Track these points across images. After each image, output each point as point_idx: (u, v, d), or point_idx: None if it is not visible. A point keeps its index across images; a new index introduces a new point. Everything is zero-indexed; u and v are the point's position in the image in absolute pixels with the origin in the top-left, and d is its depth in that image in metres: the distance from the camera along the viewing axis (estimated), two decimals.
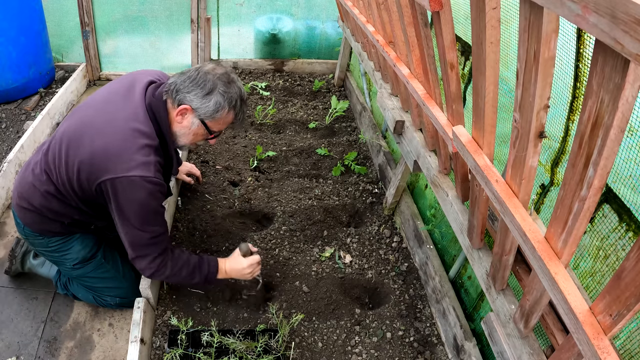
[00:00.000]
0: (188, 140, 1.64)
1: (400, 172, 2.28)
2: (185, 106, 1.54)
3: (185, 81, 1.54)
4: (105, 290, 1.91)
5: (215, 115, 1.55)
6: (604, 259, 1.10)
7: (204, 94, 1.52)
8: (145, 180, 1.46)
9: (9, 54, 3.18)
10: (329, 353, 1.79)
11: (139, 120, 1.52)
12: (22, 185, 1.69)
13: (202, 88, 1.52)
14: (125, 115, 1.53)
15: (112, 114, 1.54)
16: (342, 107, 3.39)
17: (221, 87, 1.54)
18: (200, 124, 1.58)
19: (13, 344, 1.86)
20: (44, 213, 1.67)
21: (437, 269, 1.97)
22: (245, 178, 2.69)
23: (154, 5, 3.71)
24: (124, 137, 1.48)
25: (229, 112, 1.58)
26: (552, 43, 0.79)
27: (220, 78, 1.55)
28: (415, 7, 1.35)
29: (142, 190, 1.47)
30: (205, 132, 1.61)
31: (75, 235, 1.81)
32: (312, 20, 3.99)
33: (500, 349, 1.25)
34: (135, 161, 1.46)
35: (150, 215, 1.54)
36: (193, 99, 1.53)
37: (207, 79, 1.53)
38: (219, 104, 1.54)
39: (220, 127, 1.63)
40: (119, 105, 1.57)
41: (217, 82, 1.54)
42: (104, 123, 1.52)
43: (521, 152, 0.98)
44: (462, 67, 1.82)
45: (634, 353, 1.01)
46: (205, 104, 1.53)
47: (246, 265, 1.80)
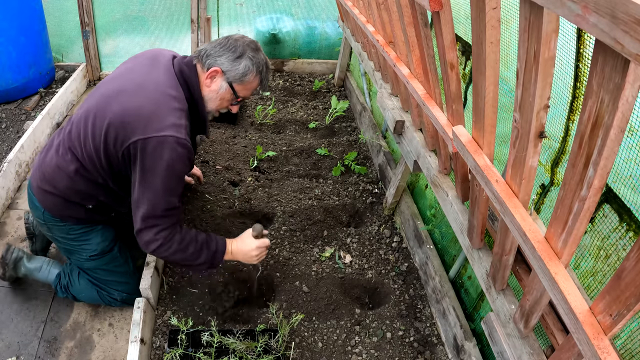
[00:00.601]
0: (215, 105, 1.67)
1: (400, 172, 2.28)
2: (215, 68, 1.59)
3: (216, 47, 1.60)
4: (113, 285, 1.90)
5: (243, 78, 1.61)
6: (605, 259, 1.10)
7: (235, 57, 1.59)
8: (178, 141, 1.46)
9: (9, 54, 3.18)
10: (329, 353, 1.79)
11: (169, 85, 1.55)
12: (45, 168, 1.66)
13: (233, 52, 1.59)
14: (155, 80, 1.55)
15: (141, 80, 1.55)
16: (342, 107, 3.39)
17: (250, 52, 1.61)
18: (229, 87, 1.62)
19: (13, 344, 1.86)
20: (68, 196, 1.66)
21: (437, 269, 1.97)
22: (245, 178, 2.69)
23: (154, 5, 3.71)
24: (157, 99, 1.49)
25: (255, 76, 1.64)
26: (552, 43, 0.79)
27: (249, 45, 1.62)
28: (415, 7, 1.35)
29: (172, 151, 1.46)
30: (232, 96, 1.66)
31: (97, 226, 1.80)
32: (312, 20, 3.99)
33: (500, 349, 1.25)
34: (168, 122, 1.46)
35: (175, 181, 1.52)
36: (224, 62, 1.59)
37: (237, 44, 1.60)
38: (248, 67, 1.60)
39: (246, 92, 1.67)
40: (147, 73, 1.58)
41: (246, 47, 1.61)
42: (133, 88, 1.53)
43: (521, 152, 0.98)
44: (462, 67, 1.82)
45: (634, 353, 1.01)
46: (235, 67, 1.59)
47: (254, 247, 1.75)
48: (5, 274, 1.99)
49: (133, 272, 1.94)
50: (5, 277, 2.00)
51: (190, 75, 1.62)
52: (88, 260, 1.83)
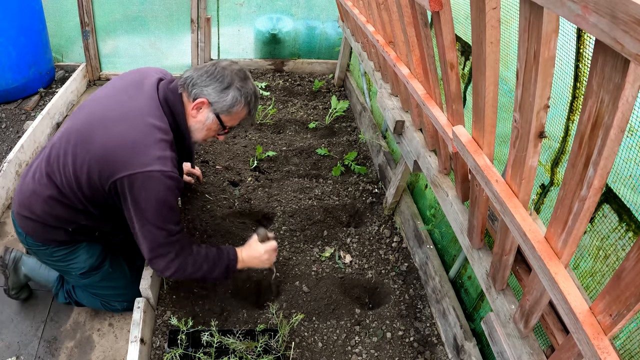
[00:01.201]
0: (202, 135, 1.64)
1: (400, 172, 2.28)
2: (202, 99, 1.54)
3: (202, 75, 1.55)
4: (113, 297, 1.90)
5: (231, 110, 1.57)
6: (604, 259, 1.10)
7: (223, 88, 1.54)
8: (164, 175, 1.43)
9: (9, 54, 3.18)
10: (329, 353, 1.79)
11: (153, 115, 1.50)
12: (23, 193, 1.63)
13: (221, 82, 1.54)
14: (138, 110, 1.49)
15: (124, 109, 1.50)
16: (342, 107, 3.39)
17: (238, 82, 1.56)
18: (215, 118, 1.59)
19: (13, 344, 1.86)
20: (47, 221, 1.62)
21: (437, 269, 1.97)
22: (245, 178, 2.69)
23: (154, 5, 3.71)
24: (140, 132, 1.45)
25: (243, 107, 1.60)
26: (552, 43, 0.79)
27: (238, 74, 1.58)
28: (415, 7, 1.35)
29: (160, 185, 1.43)
30: (218, 127, 1.62)
31: (81, 244, 1.76)
32: (312, 20, 3.99)
33: (500, 349, 1.25)
34: (153, 156, 1.42)
35: (168, 211, 1.50)
36: (211, 93, 1.54)
37: (224, 74, 1.55)
38: (236, 98, 1.56)
39: (233, 122, 1.64)
40: (131, 100, 1.53)
41: (234, 77, 1.56)
42: (116, 118, 1.48)
43: (521, 152, 0.98)
44: (462, 67, 1.82)
45: (634, 353, 1.01)
46: (222, 98, 1.55)
47: (264, 251, 1.77)
48: (7, 281, 1.96)
49: (131, 282, 1.90)
50: (9, 287, 1.96)
51: (176, 103, 1.56)
52: (80, 278, 1.80)
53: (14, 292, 1.97)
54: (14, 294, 1.97)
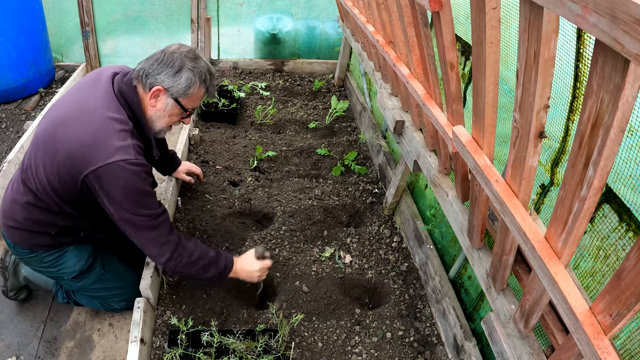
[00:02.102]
0: (164, 122, 1.65)
1: (400, 172, 2.28)
2: (157, 87, 1.55)
3: (153, 64, 1.55)
4: (110, 297, 1.90)
5: (187, 91, 1.57)
6: (605, 259, 1.10)
7: (174, 72, 1.54)
8: (127, 162, 1.44)
9: (9, 54, 3.18)
10: (329, 353, 1.79)
11: (109, 108, 1.51)
12: (5, 204, 1.68)
13: (172, 67, 1.54)
14: (94, 105, 1.52)
15: (82, 107, 1.52)
16: (342, 107, 3.39)
17: (189, 63, 1.56)
18: (175, 103, 1.59)
19: (13, 344, 1.86)
20: (29, 227, 1.64)
21: (437, 269, 1.97)
22: (245, 178, 2.69)
23: (154, 5, 3.71)
24: (98, 127, 1.47)
25: (200, 86, 1.60)
26: (552, 43, 0.79)
27: (187, 55, 1.57)
28: (415, 7, 1.35)
29: (125, 173, 1.44)
30: (180, 111, 1.63)
31: (68, 247, 1.76)
32: (312, 20, 3.99)
33: (500, 349, 1.25)
34: (113, 147, 1.44)
35: (141, 197, 1.51)
36: (164, 79, 1.54)
37: (174, 58, 1.55)
38: (190, 79, 1.56)
39: (193, 103, 1.64)
40: (87, 98, 1.55)
41: (184, 59, 1.56)
42: (74, 117, 1.50)
43: (521, 152, 0.98)
44: (462, 67, 1.82)
45: (634, 353, 1.01)
46: (176, 82, 1.55)
47: (258, 268, 1.80)
48: (6, 283, 1.96)
49: (127, 281, 1.90)
50: (8, 289, 1.97)
51: (130, 94, 1.57)
52: (73, 282, 1.80)
53: (12, 293, 1.97)
54: (12, 295, 1.97)
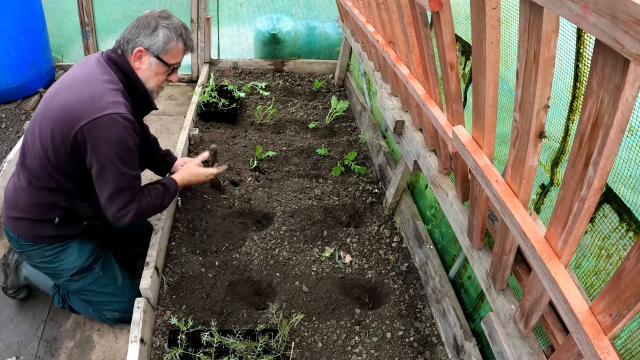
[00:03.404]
0: (154, 82, 1.72)
1: (400, 172, 2.28)
2: (138, 48, 1.64)
3: (131, 30, 1.67)
4: (104, 305, 1.88)
5: (167, 47, 1.66)
6: (607, 258, 1.11)
7: (151, 32, 1.65)
8: (120, 116, 1.52)
9: (9, 54, 3.18)
10: (329, 353, 1.79)
11: (101, 72, 1.62)
12: (7, 194, 1.73)
13: (147, 27, 1.65)
14: (87, 73, 1.62)
15: (75, 76, 1.63)
16: (342, 107, 3.39)
17: (163, 21, 1.66)
18: (157, 60, 1.67)
19: (13, 344, 1.86)
20: (31, 214, 1.66)
21: (437, 269, 1.97)
22: (245, 178, 2.69)
23: (154, 5, 3.71)
24: (92, 85, 1.56)
25: (177, 41, 1.69)
26: (552, 43, 0.79)
27: (160, 15, 1.69)
28: (415, 7, 1.35)
29: (117, 126, 1.52)
30: (164, 67, 1.70)
31: (72, 242, 1.77)
32: (312, 20, 3.99)
33: (500, 349, 1.25)
34: (107, 101, 1.53)
35: (127, 153, 1.58)
36: (143, 40, 1.65)
37: (148, 20, 1.67)
38: (167, 35, 1.65)
39: (175, 59, 1.72)
40: (79, 69, 1.66)
41: (158, 19, 1.67)
42: (69, 84, 1.60)
43: (521, 152, 0.98)
44: (462, 67, 1.82)
45: (634, 353, 1.01)
46: (154, 40, 1.65)
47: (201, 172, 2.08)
48: (7, 281, 1.97)
49: (123, 290, 1.89)
50: (7, 286, 1.97)
51: (118, 58, 1.67)
52: (71, 281, 1.79)
53: (11, 291, 1.97)
54: (11, 293, 1.97)
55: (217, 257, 2.15)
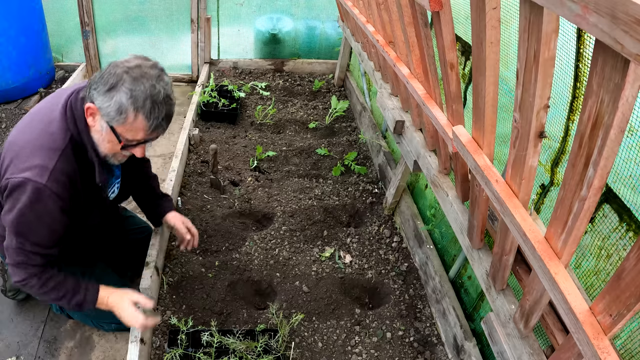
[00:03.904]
0: (105, 148, 1.38)
1: (400, 172, 2.28)
2: (89, 104, 1.30)
3: (97, 75, 1.30)
4: (101, 318, 1.85)
5: (119, 118, 1.27)
6: (607, 258, 1.11)
7: (106, 90, 1.26)
8: (32, 185, 1.28)
9: (9, 54, 3.18)
10: (329, 353, 1.79)
11: (52, 120, 1.36)
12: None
13: (105, 83, 1.26)
14: (42, 114, 1.40)
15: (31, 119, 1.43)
16: (342, 107, 3.39)
17: (127, 83, 1.25)
18: (109, 129, 1.31)
19: (13, 344, 1.86)
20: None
21: (437, 269, 1.97)
22: (245, 178, 2.69)
23: (154, 5, 3.71)
24: (31, 136, 1.35)
25: (135, 115, 1.27)
26: (552, 43, 0.79)
27: (131, 72, 1.26)
28: (415, 7, 1.35)
29: (26, 195, 1.30)
30: (117, 140, 1.34)
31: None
32: (312, 20, 3.99)
33: (500, 349, 1.25)
34: (31, 162, 1.30)
35: (30, 224, 1.35)
36: (97, 97, 1.28)
37: (114, 72, 1.26)
38: (121, 104, 1.25)
39: (133, 134, 1.32)
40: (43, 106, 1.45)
41: (123, 76, 1.25)
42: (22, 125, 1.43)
43: (521, 152, 0.98)
44: (462, 67, 1.82)
45: (634, 353, 1.01)
46: (107, 104, 1.26)
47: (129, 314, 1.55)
48: (6, 285, 1.96)
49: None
50: (6, 289, 1.96)
51: (77, 108, 1.36)
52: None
53: (10, 293, 1.97)
54: (10, 295, 1.97)
55: (217, 257, 2.15)
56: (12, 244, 1.40)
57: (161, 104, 1.29)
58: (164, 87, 1.31)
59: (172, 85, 1.38)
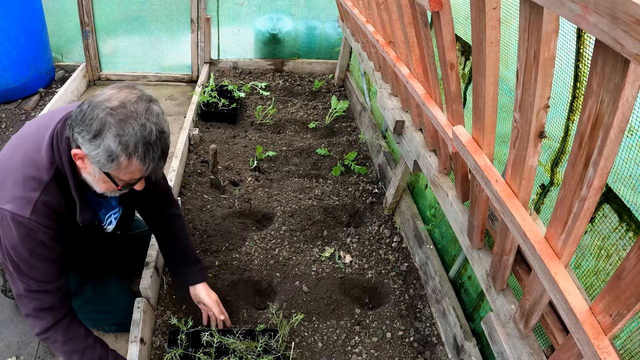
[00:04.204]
0: (102, 188, 1.30)
1: (400, 172, 2.28)
2: (76, 151, 1.20)
3: (78, 115, 1.17)
4: (101, 320, 1.85)
5: (110, 165, 1.17)
6: (607, 258, 1.11)
7: (91, 137, 1.15)
8: (17, 218, 1.21)
9: (9, 54, 3.18)
10: (329, 353, 1.79)
11: (38, 148, 1.27)
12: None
13: (89, 130, 1.14)
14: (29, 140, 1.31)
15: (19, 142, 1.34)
16: (342, 107, 3.39)
17: (112, 127, 1.13)
18: (102, 174, 1.23)
19: (13, 344, 1.86)
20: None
21: (437, 269, 1.97)
22: (245, 178, 2.70)
23: (154, 5, 3.71)
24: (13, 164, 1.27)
25: (129, 160, 1.17)
26: (552, 43, 0.79)
27: (114, 112, 1.14)
28: (415, 7, 1.35)
29: (11, 229, 1.23)
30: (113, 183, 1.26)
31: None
32: (312, 20, 3.99)
33: (500, 349, 1.25)
34: (13, 192, 1.23)
35: (23, 262, 1.28)
36: (83, 143, 1.17)
37: (94, 115, 1.14)
38: (111, 151, 1.14)
39: (129, 176, 1.24)
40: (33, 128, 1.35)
41: (106, 119, 1.13)
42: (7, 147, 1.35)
43: (521, 152, 0.98)
44: (462, 67, 1.82)
45: (634, 353, 1.01)
46: (95, 151, 1.16)
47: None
48: (6, 285, 1.97)
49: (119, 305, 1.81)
50: (7, 289, 1.97)
51: (62, 144, 1.27)
52: None
53: (10, 293, 1.97)
54: (10, 295, 1.97)
55: (217, 257, 2.15)
56: (20, 289, 1.34)
57: (155, 144, 1.18)
58: (156, 121, 1.18)
59: (163, 114, 1.24)
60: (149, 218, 1.77)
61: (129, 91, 1.19)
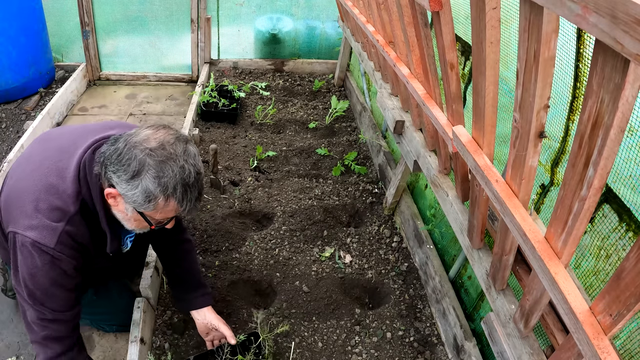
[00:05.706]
0: (132, 226, 1.30)
1: (400, 172, 2.28)
2: (110, 190, 1.19)
3: (113, 154, 1.17)
4: (102, 321, 1.86)
5: (147, 205, 1.17)
6: (607, 258, 1.10)
7: (129, 178, 1.14)
8: (39, 247, 1.20)
9: (9, 54, 3.18)
10: (329, 353, 1.79)
11: (62, 176, 1.25)
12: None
13: (126, 170, 1.14)
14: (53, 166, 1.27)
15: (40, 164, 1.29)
16: (342, 107, 3.39)
17: (152, 168, 1.13)
18: (136, 213, 1.22)
19: (13, 344, 1.86)
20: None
21: (437, 269, 1.97)
22: (245, 178, 2.70)
23: (154, 5, 3.71)
24: (33, 189, 1.24)
25: (167, 201, 1.17)
26: (552, 43, 0.79)
27: (153, 154, 1.14)
28: (415, 7, 1.35)
29: (32, 257, 1.21)
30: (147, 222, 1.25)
31: None
32: (312, 20, 3.99)
33: (500, 349, 1.25)
34: (37, 220, 1.20)
35: (41, 290, 1.26)
36: (119, 183, 1.16)
37: (132, 155, 1.14)
38: (149, 192, 1.14)
39: (163, 215, 1.23)
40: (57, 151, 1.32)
41: (145, 160, 1.13)
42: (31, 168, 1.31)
43: (521, 152, 0.98)
44: (462, 67, 1.82)
45: (634, 353, 1.01)
46: (132, 192, 1.15)
47: None
48: (6, 284, 1.97)
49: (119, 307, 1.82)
50: (7, 288, 1.97)
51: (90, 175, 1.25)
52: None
53: (10, 292, 1.98)
54: (10, 295, 1.98)
55: (217, 257, 2.15)
56: (33, 317, 1.31)
57: (193, 185, 1.19)
58: (194, 163, 1.20)
59: (199, 154, 1.26)
60: (160, 244, 1.74)
61: (166, 132, 1.20)
